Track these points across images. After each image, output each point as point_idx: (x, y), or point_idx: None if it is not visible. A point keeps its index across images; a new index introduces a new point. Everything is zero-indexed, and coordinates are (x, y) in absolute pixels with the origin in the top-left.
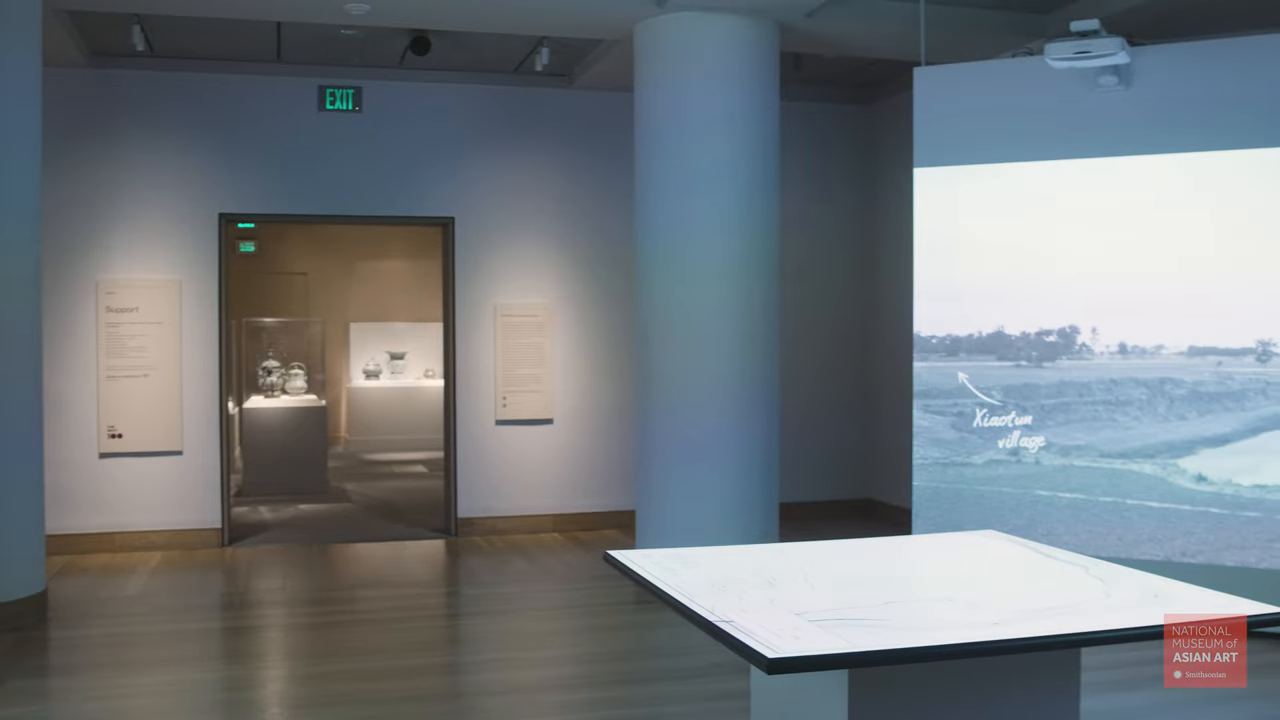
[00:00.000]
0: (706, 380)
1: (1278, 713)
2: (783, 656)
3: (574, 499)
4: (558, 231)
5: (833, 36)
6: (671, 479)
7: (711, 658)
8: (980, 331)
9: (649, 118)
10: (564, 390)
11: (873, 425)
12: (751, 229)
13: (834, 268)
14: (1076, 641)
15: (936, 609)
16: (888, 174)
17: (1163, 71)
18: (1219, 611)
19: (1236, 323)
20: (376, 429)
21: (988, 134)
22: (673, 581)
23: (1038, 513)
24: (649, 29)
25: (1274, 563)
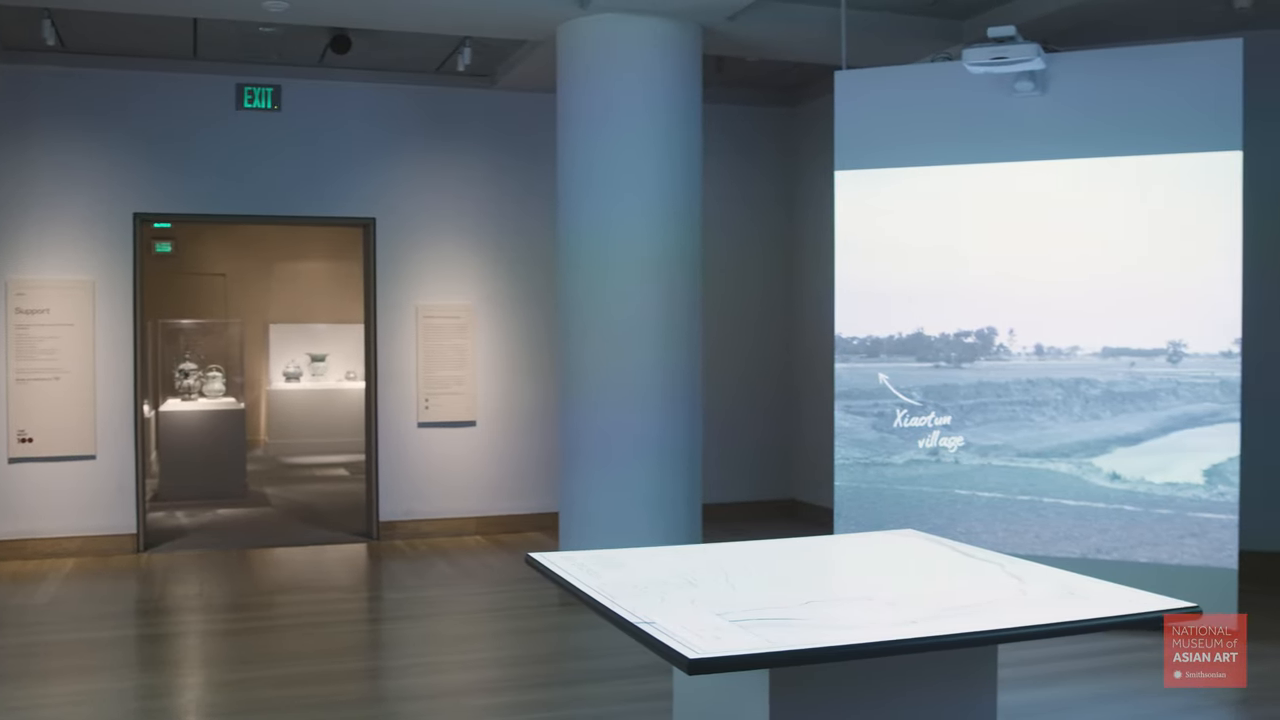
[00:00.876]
0: (629, 380)
1: (1190, 703)
2: (703, 657)
3: (497, 501)
4: (480, 232)
5: (755, 40)
6: (594, 480)
7: (635, 659)
8: (900, 333)
9: (571, 118)
10: (486, 392)
11: (795, 426)
12: (673, 229)
13: (756, 269)
14: (993, 638)
15: (856, 608)
16: (809, 176)
17: (1077, 77)
18: (1131, 608)
19: (1149, 324)
20: (297, 432)
21: (907, 137)
22: (594, 583)
23: (957, 512)
24: (572, 30)
25: (1185, 559)
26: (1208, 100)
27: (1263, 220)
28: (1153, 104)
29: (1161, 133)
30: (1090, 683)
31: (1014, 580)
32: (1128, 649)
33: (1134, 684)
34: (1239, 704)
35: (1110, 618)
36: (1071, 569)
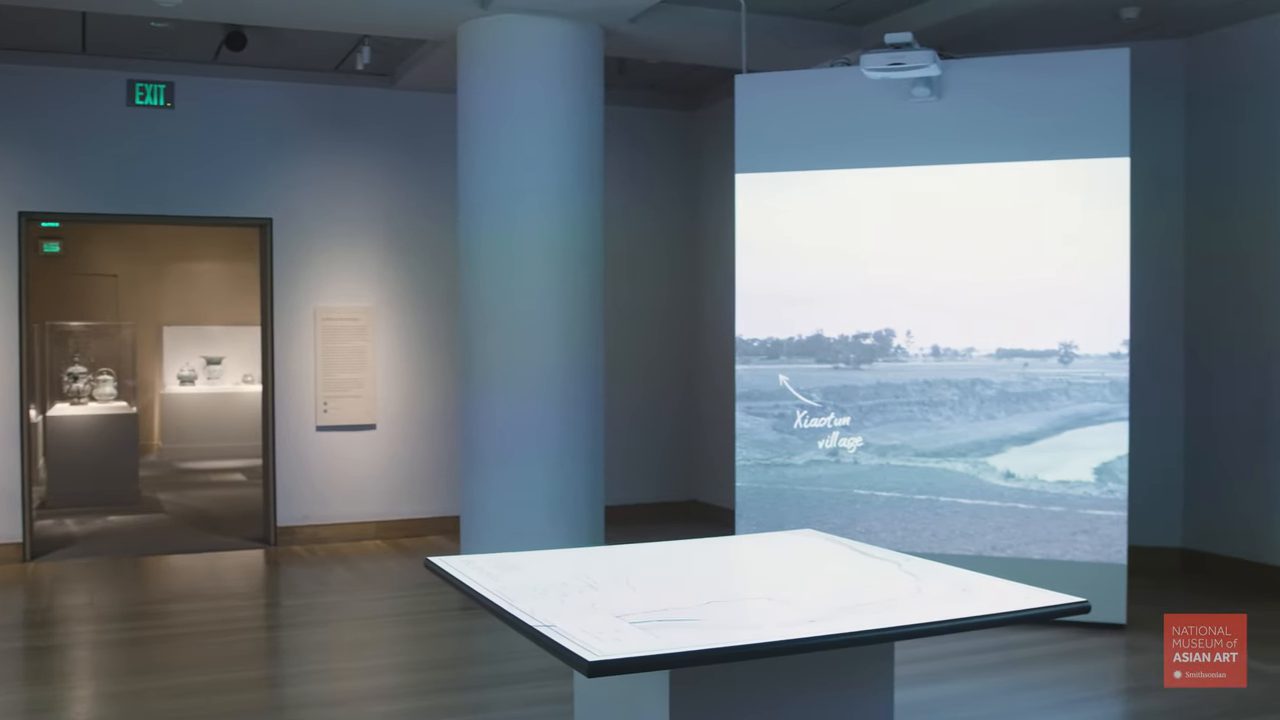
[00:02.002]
0: (531, 381)
1: (1080, 697)
2: (602, 659)
3: (398, 505)
4: (380, 233)
5: (656, 42)
6: (496, 482)
7: (536, 662)
8: (800, 335)
9: (472, 119)
10: (387, 395)
11: (697, 427)
12: (575, 229)
13: (658, 271)
14: (889, 636)
15: (755, 607)
16: (711, 178)
17: (972, 84)
18: (1022, 604)
19: (1041, 326)
20: (192, 436)
21: (807, 141)
22: (493, 586)
23: (856, 511)
24: (472, 30)
25: (1076, 555)
26: (1097, 108)
27: (1149, 224)
28: (1044, 111)
29: (1053, 139)
30: (984, 678)
31: (910, 578)
32: (1020, 644)
33: (1025, 678)
34: (1127, 694)
35: (1002, 614)
36: (967, 566)
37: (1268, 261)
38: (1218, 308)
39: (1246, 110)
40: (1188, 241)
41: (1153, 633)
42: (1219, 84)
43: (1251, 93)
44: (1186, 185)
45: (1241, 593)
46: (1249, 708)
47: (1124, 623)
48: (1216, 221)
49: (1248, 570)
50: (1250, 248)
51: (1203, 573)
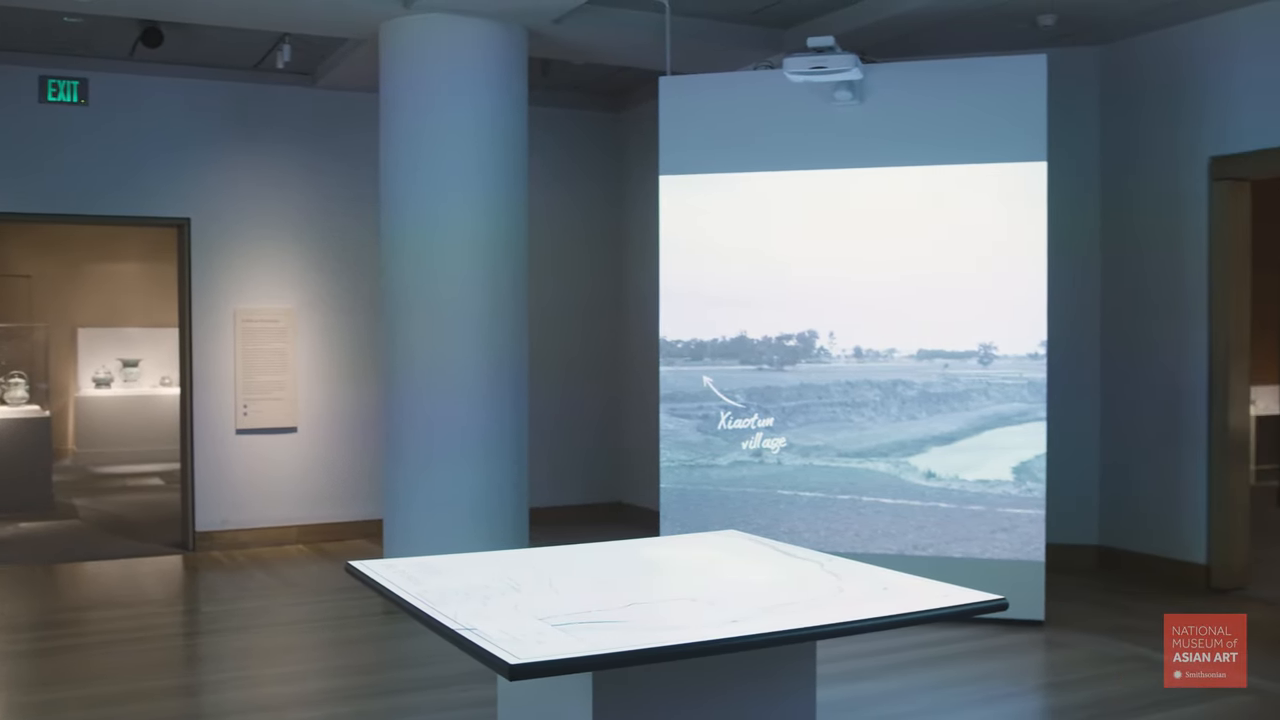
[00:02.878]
0: (454, 383)
1: (1000, 692)
2: (524, 662)
3: (320, 509)
4: (301, 234)
5: (580, 43)
6: (419, 484)
7: (459, 666)
8: (724, 336)
9: (394, 119)
10: (308, 397)
11: (622, 429)
12: (499, 231)
13: (584, 272)
14: (811, 635)
15: (678, 608)
16: (636, 180)
17: (893, 88)
18: (942, 603)
19: (961, 327)
20: (108, 440)
21: (730, 143)
22: (415, 590)
23: (780, 512)
24: (394, 29)
25: (996, 553)
26: (1015, 113)
27: (1066, 227)
28: (964, 115)
29: (973, 143)
30: (905, 675)
31: (832, 578)
32: (940, 642)
33: (946, 675)
34: (1046, 689)
35: (922, 612)
36: (889, 566)
37: (1178, 264)
38: (1132, 309)
39: (1159, 116)
40: (1103, 245)
41: (1070, 628)
42: (1133, 90)
43: (1164, 99)
44: (1102, 189)
45: (1156, 588)
46: (1165, 700)
47: (1042, 619)
48: (1130, 225)
49: (1162, 566)
50: (1162, 251)
51: (1119, 569)
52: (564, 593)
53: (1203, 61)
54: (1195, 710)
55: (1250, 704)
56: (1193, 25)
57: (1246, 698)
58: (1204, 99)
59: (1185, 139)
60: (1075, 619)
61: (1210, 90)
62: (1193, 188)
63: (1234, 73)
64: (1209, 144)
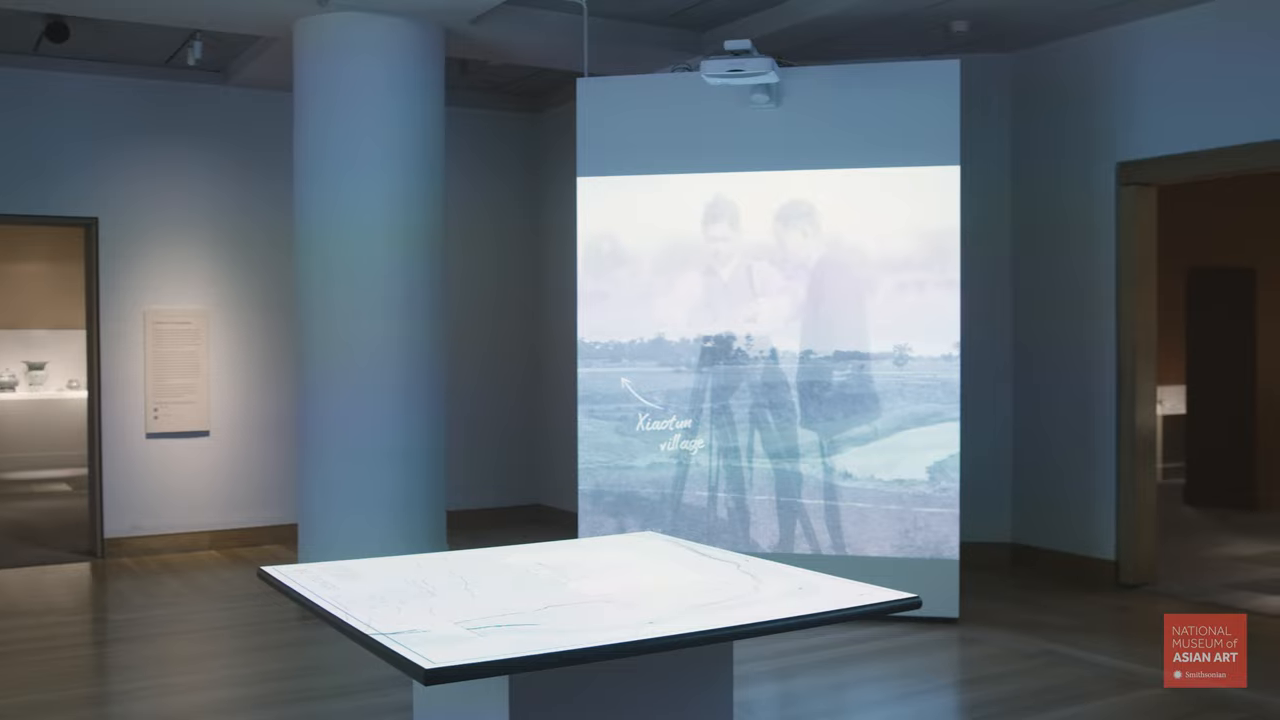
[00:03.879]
0: (370, 384)
1: (917, 689)
2: (439, 667)
3: (233, 514)
4: (213, 235)
5: (498, 44)
6: (335, 488)
7: (375, 672)
8: (642, 338)
9: (308, 118)
10: (221, 401)
11: (540, 430)
12: (416, 232)
13: (502, 273)
14: (727, 635)
15: (595, 610)
16: (554, 181)
17: (809, 92)
18: (857, 601)
19: (877, 329)
20: (12, 445)
21: (648, 145)
22: (329, 595)
23: (698, 513)
24: (309, 27)
25: (911, 552)
26: (929, 117)
27: (979, 231)
28: (879, 119)
29: (887, 146)
30: (821, 674)
31: (749, 578)
32: (856, 640)
33: (862, 673)
34: (960, 685)
35: (837, 611)
36: (807, 566)
37: (1087, 267)
38: (1043, 311)
39: (1069, 122)
40: (1015, 247)
41: (984, 625)
42: (1044, 96)
43: (1073, 105)
44: (1014, 193)
45: (1067, 584)
46: (1078, 694)
47: (957, 616)
48: (1041, 228)
49: (1073, 562)
50: (1071, 254)
51: (1031, 566)
52: (480, 596)
53: (1111, 69)
54: (1107, 704)
55: (1160, 697)
56: (1102, 34)
57: (1157, 691)
58: (1112, 106)
59: (1094, 144)
60: (989, 616)
61: (1118, 97)
62: (1101, 192)
63: (1141, 80)
64: (1117, 149)
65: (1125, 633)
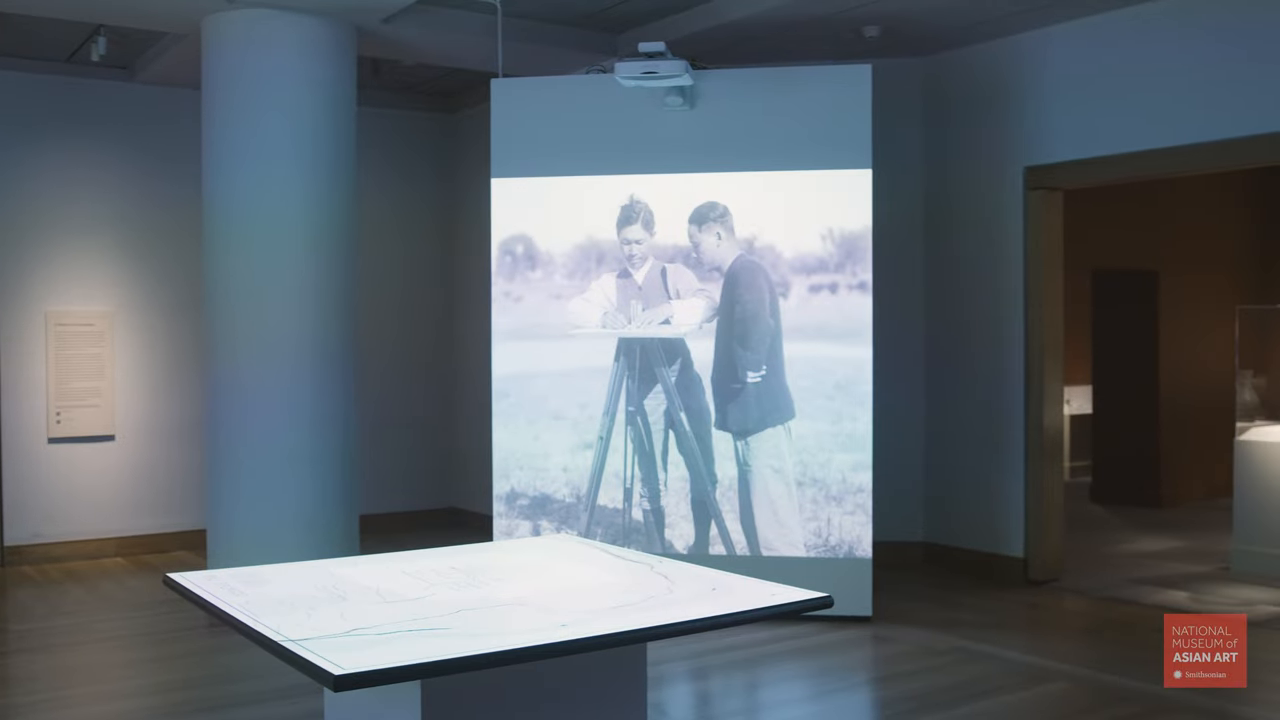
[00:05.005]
0: (280, 389)
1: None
2: (348, 673)
3: (140, 520)
4: (119, 234)
5: (411, 43)
6: (244, 492)
7: (286, 679)
8: (556, 340)
9: (217, 116)
10: (127, 404)
11: (455, 434)
12: (326, 233)
13: (416, 273)
14: (641, 637)
15: (508, 614)
16: (469, 182)
17: (724, 94)
18: (769, 601)
19: (790, 330)
20: None
21: (562, 147)
22: (237, 602)
23: (613, 515)
24: (217, 24)
25: (825, 551)
26: (841, 121)
27: (891, 234)
28: (793, 122)
29: (801, 149)
30: (735, 674)
31: (662, 580)
32: (770, 640)
33: (776, 672)
34: (873, 683)
35: (750, 611)
36: (721, 567)
37: (996, 269)
38: (954, 313)
39: (978, 126)
40: (926, 250)
41: (897, 623)
42: (954, 101)
43: (982, 110)
44: (925, 196)
45: (978, 582)
46: (988, 690)
47: (870, 615)
48: (951, 231)
49: (983, 560)
50: (981, 256)
51: (943, 564)
52: (392, 600)
53: (1018, 75)
54: (1016, 698)
55: (1068, 690)
56: (1010, 40)
57: (1064, 684)
58: (1019, 111)
59: (1002, 149)
60: (901, 614)
61: (1025, 103)
62: (1009, 196)
63: (1048, 87)
64: (1024, 154)
65: (1034, 628)
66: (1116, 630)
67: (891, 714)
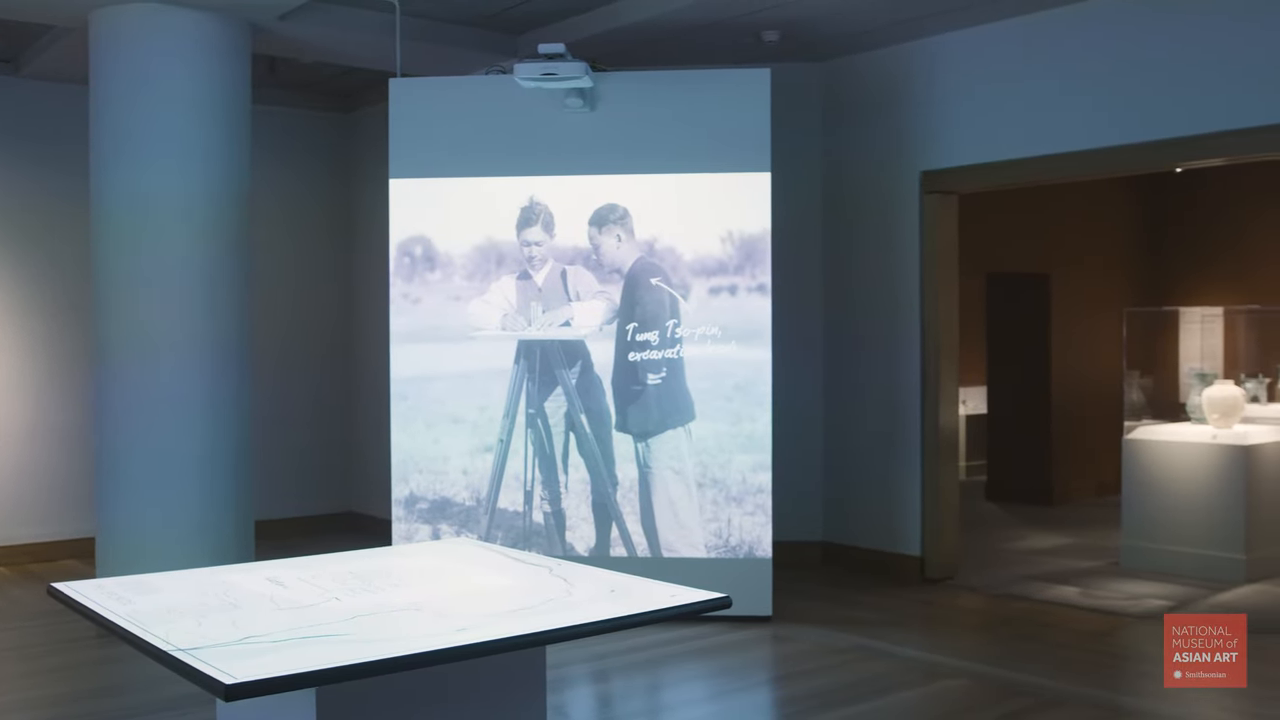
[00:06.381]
0: (171, 390)
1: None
2: (240, 682)
3: (24, 528)
4: (3, 233)
5: (308, 41)
6: (135, 498)
7: (178, 689)
8: (456, 342)
9: (105, 113)
10: (9, 408)
11: (353, 437)
12: (219, 233)
13: (313, 275)
14: (538, 640)
15: (405, 619)
16: (368, 182)
17: (624, 97)
18: (668, 602)
19: (690, 333)
20: None
21: (461, 147)
22: (125, 611)
23: (512, 518)
24: (105, 18)
25: (725, 552)
26: (741, 124)
27: (791, 236)
28: (693, 125)
29: (701, 152)
30: (635, 676)
31: (561, 582)
32: (670, 641)
33: (676, 673)
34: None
35: (649, 612)
36: (623, 569)
37: (893, 272)
38: (852, 315)
39: (875, 131)
40: (825, 252)
41: (796, 623)
42: (851, 105)
43: (879, 115)
44: (824, 199)
45: (876, 581)
46: (886, 687)
47: (770, 614)
48: (850, 234)
49: (881, 559)
50: (878, 258)
51: (841, 563)
52: (286, 607)
53: (915, 81)
54: (914, 694)
55: (963, 686)
56: (907, 46)
57: (960, 680)
58: (915, 116)
59: (899, 153)
60: (801, 614)
61: (921, 108)
62: (906, 199)
63: (942, 93)
64: (920, 159)
65: (930, 625)
66: (1010, 626)
67: (791, 712)
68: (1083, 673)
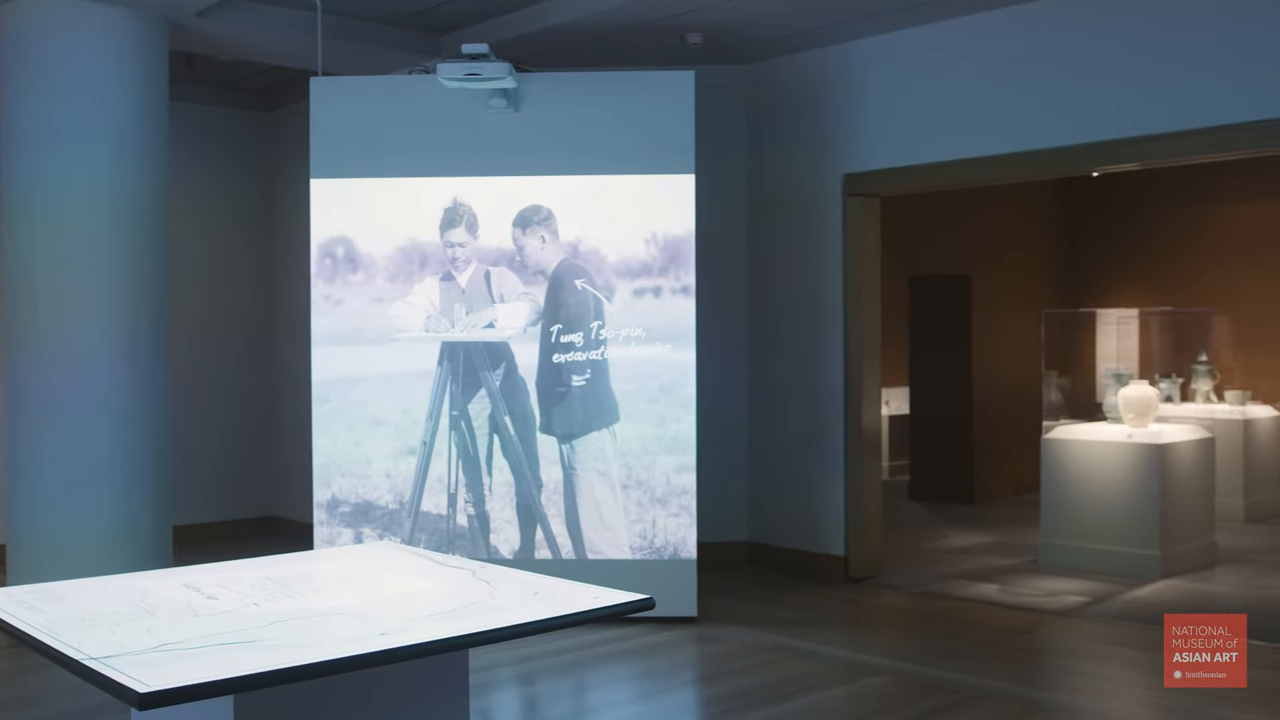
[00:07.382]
0: (85, 394)
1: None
2: (154, 690)
3: None
4: None
5: (227, 39)
6: (47, 503)
7: (92, 699)
8: (378, 344)
9: (14, 110)
10: None
11: (273, 440)
12: (135, 233)
13: (233, 275)
14: (461, 644)
15: (325, 624)
16: (289, 181)
17: (548, 98)
18: (592, 604)
19: (615, 334)
20: None
21: (384, 147)
22: (35, 620)
23: (435, 521)
24: (14, 12)
25: (650, 554)
26: (665, 126)
27: (716, 238)
28: (617, 127)
29: (626, 154)
30: (560, 678)
31: (484, 585)
32: (595, 643)
33: (601, 675)
34: (699, 682)
35: (572, 615)
36: (548, 571)
37: (817, 274)
38: (776, 316)
39: (799, 133)
40: (749, 254)
41: (722, 623)
42: (775, 108)
43: (802, 118)
44: (748, 201)
45: (801, 580)
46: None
47: (695, 615)
48: (773, 236)
49: (806, 559)
50: (802, 260)
51: (766, 564)
52: (202, 614)
53: (838, 84)
54: (839, 693)
55: (886, 684)
56: (830, 50)
57: (883, 678)
58: (838, 119)
59: (822, 156)
60: (726, 614)
61: (843, 112)
62: (829, 202)
63: (864, 96)
64: (843, 161)
65: (854, 624)
66: (932, 624)
67: (717, 712)
68: (1003, 669)
